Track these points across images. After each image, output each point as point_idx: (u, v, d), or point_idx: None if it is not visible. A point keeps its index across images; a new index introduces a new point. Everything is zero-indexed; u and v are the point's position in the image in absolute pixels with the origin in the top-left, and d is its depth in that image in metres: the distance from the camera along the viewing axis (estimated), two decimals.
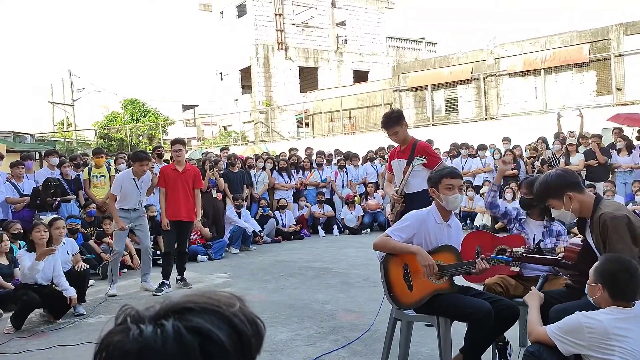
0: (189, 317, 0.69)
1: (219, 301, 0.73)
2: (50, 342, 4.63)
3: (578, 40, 16.78)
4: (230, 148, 18.10)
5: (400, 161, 4.93)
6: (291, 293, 6.03)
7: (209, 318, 0.69)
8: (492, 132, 14.20)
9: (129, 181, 6.50)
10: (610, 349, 2.31)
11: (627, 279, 2.40)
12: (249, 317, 0.74)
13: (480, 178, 11.47)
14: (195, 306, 0.70)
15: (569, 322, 2.43)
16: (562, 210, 2.88)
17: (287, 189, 11.40)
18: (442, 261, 3.30)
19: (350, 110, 22.33)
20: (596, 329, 2.33)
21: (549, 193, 2.90)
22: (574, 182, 2.87)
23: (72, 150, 22.33)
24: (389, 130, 4.89)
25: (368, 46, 31.20)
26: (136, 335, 0.67)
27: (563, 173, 2.93)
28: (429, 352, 3.90)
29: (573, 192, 2.83)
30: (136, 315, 0.70)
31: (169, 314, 0.69)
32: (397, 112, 5.03)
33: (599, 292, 2.44)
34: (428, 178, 3.52)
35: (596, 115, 13.31)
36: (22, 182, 8.40)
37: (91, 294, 6.24)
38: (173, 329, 0.67)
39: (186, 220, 6.59)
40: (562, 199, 2.84)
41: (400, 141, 4.96)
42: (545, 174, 3.03)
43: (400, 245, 3.28)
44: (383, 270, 3.31)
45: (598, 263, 2.51)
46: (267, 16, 28.10)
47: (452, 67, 19.24)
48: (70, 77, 30.65)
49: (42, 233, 5.23)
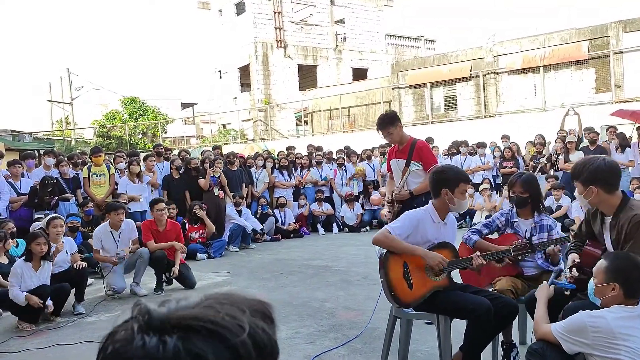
0: (193, 339, 0.67)
1: (230, 324, 0.69)
2: (50, 341, 4.62)
3: (577, 37, 16.76)
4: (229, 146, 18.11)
5: (398, 161, 4.95)
6: (291, 291, 6.03)
7: (213, 344, 0.67)
8: (491, 130, 14.19)
9: (106, 235, 6.33)
10: (616, 348, 2.30)
11: (638, 276, 2.39)
12: (261, 343, 0.70)
13: (479, 176, 11.47)
14: (202, 328, 0.68)
15: (574, 321, 2.42)
16: (581, 196, 2.91)
17: (287, 187, 11.40)
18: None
19: (349, 108, 22.32)
20: (601, 329, 2.33)
21: (579, 176, 2.88)
22: (607, 181, 2.81)
23: (71, 149, 22.32)
24: (383, 131, 4.93)
25: (367, 44, 31.18)
26: (139, 346, 0.67)
27: (607, 168, 2.83)
28: (428, 349, 3.89)
29: (600, 188, 2.80)
30: (145, 319, 0.69)
31: (175, 330, 0.68)
32: (392, 113, 5.06)
33: (613, 291, 2.41)
34: (443, 178, 3.38)
35: (595, 112, 13.31)
36: (19, 181, 8.38)
37: (90, 292, 6.23)
38: (173, 351, 0.66)
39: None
40: (586, 187, 2.84)
41: (395, 141, 4.99)
42: (599, 158, 2.92)
43: (405, 245, 3.25)
44: (383, 270, 3.29)
45: (609, 263, 2.47)
46: (265, 14, 28.06)
47: (451, 64, 19.22)
48: (69, 76, 30.60)
49: (42, 246, 5.18)
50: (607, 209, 2.89)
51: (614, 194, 2.83)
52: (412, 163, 4.75)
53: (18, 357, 4.32)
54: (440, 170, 3.50)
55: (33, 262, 5.20)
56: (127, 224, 6.50)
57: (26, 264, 5.19)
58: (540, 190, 3.79)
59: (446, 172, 3.44)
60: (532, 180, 3.81)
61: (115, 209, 6.40)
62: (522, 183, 3.72)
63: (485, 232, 3.82)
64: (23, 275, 5.13)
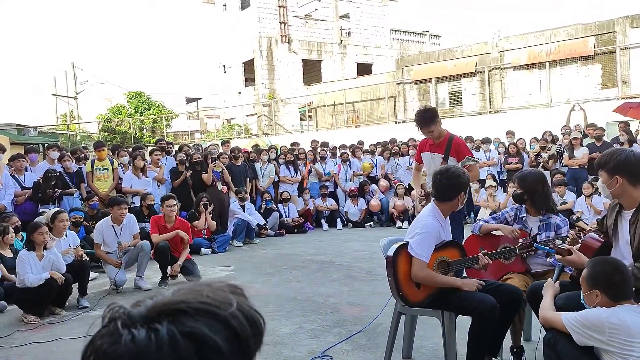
0: (184, 320, 0.65)
1: (215, 300, 0.69)
2: (54, 335, 4.64)
3: (583, 33, 16.65)
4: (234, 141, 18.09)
5: (434, 155, 4.97)
6: (295, 286, 6.03)
7: (205, 321, 0.66)
8: (496, 126, 14.13)
9: (108, 229, 6.32)
10: (631, 346, 2.32)
11: (621, 278, 2.42)
12: (248, 315, 0.70)
13: (484, 171, 11.42)
14: (189, 308, 0.66)
15: (591, 317, 2.42)
16: (604, 185, 2.87)
17: (293, 183, 11.36)
18: (448, 257, 3.36)
19: (353, 103, 22.26)
20: (620, 329, 2.33)
21: (606, 165, 2.84)
22: (634, 173, 2.77)
23: (76, 143, 22.35)
24: (424, 129, 4.90)
25: (372, 39, 31.06)
26: (128, 341, 0.63)
27: (636, 160, 2.79)
28: (432, 346, 3.88)
29: (625, 179, 2.76)
30: (126, 317, 0.67)
31: (162, 317, 0.66)
32: (432, 111, 4.96)
33: (597, 298, 2.44)
34: (464, 182, 3.35)
35: (601, 108, 13.22)
36: (23, 175, 8.39)
37: (94, 286, 6.25)
38: (168, 335, 0.63)
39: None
40: (611, 176, 2.80)
41: (434, 138, 4.98)
42: (628, 150, 2.92)
43: (446, 280, 3.26)
44: (392, 269, 3.26)
45: (587, 270, 2.51)
46: (270, 8, 27.98)
47: (457, 60, 19.13)
48: (74, 70, 30.64)
49: (44, 236, 5.22)
50: (628, 202, 2.84)
51: (637, 188, 2.78)
52: (467, 158, 4.79)
53: (22, 351, 4.33)
54: (458, 174, 3.36)
55: (36, 252, 5.22)
56: (129, 218, 6.50)
57: (30, 253, 5.21)
58: (538, 187, 3.69)
59: (463, 176, 3.37)
60: (527, 177, 3.77)
61: (118, 203, 6.40)
62: (517, 180, 3.84)
63: (492, 224, 3.85)
64: (30, 264, 5.15)
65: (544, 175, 3.96)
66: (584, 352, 2.47)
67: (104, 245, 6.33)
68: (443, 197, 3.36)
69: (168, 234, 6.60)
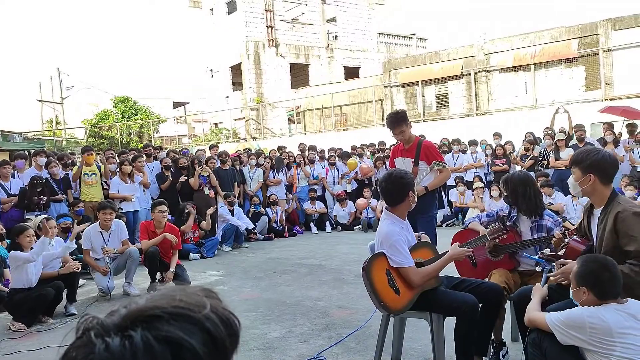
0: (159, 325, 0.65)
1: (189, 303, 0.69)
2: (42, 343, 4.59)
3: (567, 35, 16.86)
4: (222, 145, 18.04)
5: (405, 159, 5.08)
6: (284, 290, 6.03)
7: (180, 325, 0.65)
8: (482, 128, 14.26)
9: (96, 236, 6.26)
10: (612, 345, 2.35)
11: (608, 277, 2.44)
12: (223, 317, 0.70)
13: (471, 173, 11.51)
14: (163, 313, 0.66)
15: (573, 317, 2.46)
16: (575, 183, 2.94)
17: (275, 185, 11.32)
18: (422, 258, 3.39)
19: (341, 106, 22.33)
20: (600, 328, 2.37)
21: (581, 162, 2.90)
22: (607, 172, 2.86)
23: (62, 149, 22.13)
24: (395, 130, 5.00)
25: (359, 42, 31.20)
26: (102, 350, 0.63)
27: (611, 160, 2.88)
28: (422, 347, 3.90)
29: (598, 177, 2.84)
30: (100, 327, 0.66)
31: (136, 324, 0.65)
32: (402, 112, 5.13)
33: (584, 295, 2.48)
34: (408, 182, 3.38)
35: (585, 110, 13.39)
36: (9, 182, 8.29)
37: (82, 293, 6.20)
38: (142, 341, 0.63)
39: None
40: (585, 174, 2.88)
41: (404, 140, 5.06)
42: (603, 150, 3.00)
43: (436, 267, 3.27)
44: (368, 281, 3.21)
45: (577, 267, 2.55)
46: (257, 13, 27.99)
47: (443, 62, 19.28)
48: (59, 75, 30.39)
49: (31, 238, 5.20)
50: (598, 200, 2.92)
51: (607, 187, 2.88)
52: (435, 163, 5.00)
53: (9, 359, 4.28)
54: (401, 176, 3.38)
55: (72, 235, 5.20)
56: (117, 224, 6.45)
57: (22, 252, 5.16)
58: (522, 189, 3.69)
59: (406, 176, 3.41)
60: (508, 179, 3.81)
61: (103, 207, 6.35)
62: (501, 182, 3.96)
63: (484, 220, 3.89)
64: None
65: (530, 176, 3.92)
66: (569, 352, 2.50)
67: (92, 251, 6.28)
68: (394, 201, 3.39)
69: (156, 239, 6.57)
